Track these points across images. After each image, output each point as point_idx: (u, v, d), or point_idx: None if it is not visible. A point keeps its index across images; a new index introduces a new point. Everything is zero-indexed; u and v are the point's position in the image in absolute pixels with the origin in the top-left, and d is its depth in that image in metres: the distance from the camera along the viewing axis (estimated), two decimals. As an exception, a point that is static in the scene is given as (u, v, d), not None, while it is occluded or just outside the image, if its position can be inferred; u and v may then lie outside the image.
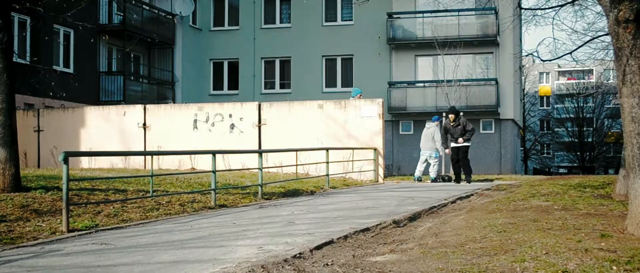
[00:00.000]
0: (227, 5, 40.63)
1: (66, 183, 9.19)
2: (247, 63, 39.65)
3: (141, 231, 9.16)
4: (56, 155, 22.34)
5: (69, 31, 30.01)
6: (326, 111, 21.66)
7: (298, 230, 8.89)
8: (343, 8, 39.13)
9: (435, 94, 35.72)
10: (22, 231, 8.94)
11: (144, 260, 6.92)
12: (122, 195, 12.58)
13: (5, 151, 12.00)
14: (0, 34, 12.17)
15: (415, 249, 7.45)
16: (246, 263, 6.49)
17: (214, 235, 8.70)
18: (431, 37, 35.18)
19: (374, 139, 21.28)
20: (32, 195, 11.61)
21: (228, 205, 12.76)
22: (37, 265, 6.83)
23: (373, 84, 36.47)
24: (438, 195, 14.73)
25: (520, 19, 31.95)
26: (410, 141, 37.32)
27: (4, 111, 12.14)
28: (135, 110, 23.08)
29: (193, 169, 20.58)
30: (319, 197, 14.76)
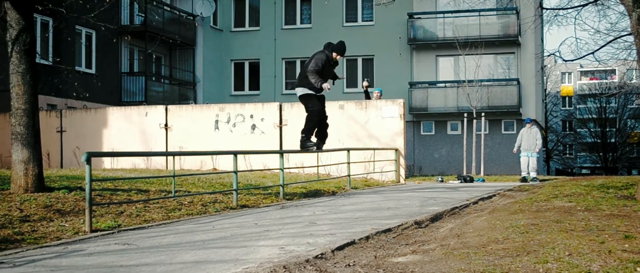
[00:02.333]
0: (247, 6, 40.72)
1: (89, 184, 9.24)
2: (268, 64, 39.72)
3: (163, 232, 9.19)
4: (79, 155, 22.47)
5: (90, 32, 30.19)
6: (347, 111, 21.65)
7: (320, 231, 8.89)
8: (364, 8, 39.12)
9: (457, 94, 35.63)
10: (46, 231, 9.00)
11: (166, 260, 6.94)
12: (144, 195, 12.62)
13: (28, 152, 12.08)
14: (23, 35, 12.25)
15: (437, 250, 7.42)
16: (268, 264, 6.49)
17: (236, 235, 8.71)
18: (452, 38, 35.10)
19: (395, 139, 21.24)
20: (55, 195, 11.68)
21: (250, 205, 12.78)
22: (60, 264, 6.87)
23: (394, 84, 36.42)
24: (460, 196, 14.68)
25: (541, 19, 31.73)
26: (432, 142, 37.25)
27: (28, 111, 12.22)
28: (157, 111, 23.17)
29: (215, 169, 20.63)
30: (340, 198, 14.75)
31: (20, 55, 12.21)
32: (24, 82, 12.24)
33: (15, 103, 12.23)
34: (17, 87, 12.22)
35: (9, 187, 12.27)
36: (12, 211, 10.00)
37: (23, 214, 9.92)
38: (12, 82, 12.27)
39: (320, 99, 14.40)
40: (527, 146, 22.68)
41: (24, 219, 9.62)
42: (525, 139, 22.84)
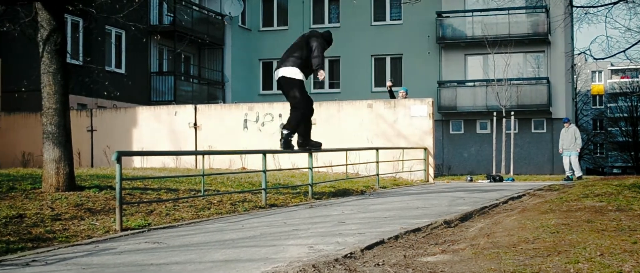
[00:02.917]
0: (276, 6, 40.81)
1: (119, 182, 9.29)
2: (297, 63, 39.71)
3: (193, 231, 9.22)
4: (109, 154, 22.64)
5: (120, 32, 30.39)
6: (376, 110, 21.62)
7: (348, 230, 8.87)
8: (392, 7, 39.07)
9: (486, 93, 35.47)
10: (77, 230, 9.07)
11: (196, 259, 6.96)
12: (174, 194, 12.68)
13: (59, 151, 12.17)
14: (54, 35, 12.35)
15: (467, 249, 7.39)
16: (297, 263, 6.49)
17: (265, 234, 8.72)
18: (481, 36, 34.95)
19: (424, 138, 21.18)
20: (86, 193, 11.76)
21: (278, 204, 12.79)
22: (91, 263, 6.92)
23: (422, 83, 36.33)
24: (489, 195, 14.60)
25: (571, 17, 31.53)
26: (461, 141, 37.11)
27: (59, 111, 12.32)
28: (186, 110, 23.28)
29: (243, 168, 20.68)
30: (369, 197, 14.72)
31: (51, 55, 12.31)
32: (55, 82, 12.34)
33: (46, 102, 12.33)
34: (48, 87, 12.32)
35: (40, 186, 12.38)
36: (43, 210, 10.09)
37: (54, 212, 10.00)
38: (43, 82, 12.37)
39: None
40: (567, 146, 22.70)
41: (56, 217, 9.69)
42: (564, 138, 22.84)
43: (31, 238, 8.35)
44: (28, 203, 10.60)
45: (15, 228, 8.79)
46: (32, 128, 23.56)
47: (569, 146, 22.67)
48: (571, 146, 22.60)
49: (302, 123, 12.54)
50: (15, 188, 12.17)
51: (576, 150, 22.64)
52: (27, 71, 22.81)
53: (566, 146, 22.77)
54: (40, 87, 12.44)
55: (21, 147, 24.17)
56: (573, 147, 22.58)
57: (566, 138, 22.83)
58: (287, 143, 12.34)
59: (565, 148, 22.77)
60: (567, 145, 22.71)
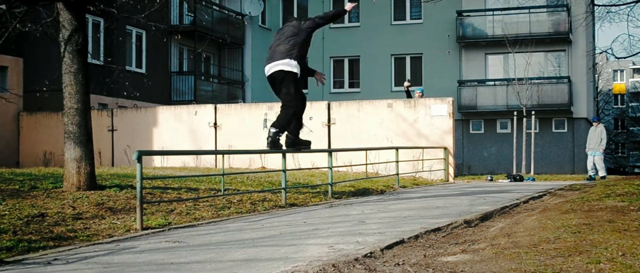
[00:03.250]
0: (295, 5, 40.83)
1: (140, 182, 9.33)
2: (316, 62, 39.75)
3: (213, 230, 9.24)
4: (129, 154, 22.75)
5: (141, 32, 30.51)
6: (395, 110, 21.59)
7: (368, 230, 8.86)
8: (412, 7, 38.98)
9: (506, 92, 35.32)
10: (98, 229, 9.11)
11: (216, 258, 6.98)
12: (194, 193, 12.72)
13: (81, 150, 12.24)
14: (76, 35, 12.42)
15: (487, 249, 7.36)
16: (317, 262, 6.49)
17: (284, 233, 8.73)
18: (502, 35, 34.82)
19: (444, 138, 21.13)
20: (106, 193, 11.82)
21: (298, 204, 12.80)
22: (112, 261, 6.95)
23: (443, 82, 36.24)
24: (510, 195, 14.54)
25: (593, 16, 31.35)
26: (481, 140, 36.98)
27: (80, 111, 12.39)
28: (206, 110, 23.35)
29: (263, 168, 20.72)
30: (389, 196, 14.70)
31: (72, 55, 12.38)
32: (76, 82, 12.41)
33: (67, 102, 12.40)
34: (69, 87, 12.39)
35: (61, 185, 12.45)
36: (65, 209, 10.15)
37: (76, 211, 10.06)
38: (65, 82, 12.44)
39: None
40: (592, 145, 22.64)
41: (77, 216, 9.75)
42: (591, 138, 22.78)
43: (53, 237, 8.40)
44: (49, 202, 10.67)
45: (36, 227, 8.85)
46: (53, 128, 23.70)
47: (594, 146, 22.58)
48: (596, 146, 22.50)
49: (292, 121, 11.47)
50: (37, 187, 12.25)
51: (600, 150, 22.52)
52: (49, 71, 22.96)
53: (592, 145, 22.69)
54: (62, 87, 12.51)
55: (43, 146, 24.33)
56: (598, 147, 22.48)
57: (593, 137, 22.74)
58: (274, 142, 11.15)
59: (591, 148, 22.70)
60: (593, 145, 22.63)
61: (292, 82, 11.21)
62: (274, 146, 11.12)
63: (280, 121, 11.24)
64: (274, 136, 11.05)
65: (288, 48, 11.21)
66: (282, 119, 11.24)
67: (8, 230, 8.55)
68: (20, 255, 7.42)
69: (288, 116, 11.26)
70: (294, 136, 11.69)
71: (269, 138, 11.06)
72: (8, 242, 7.87)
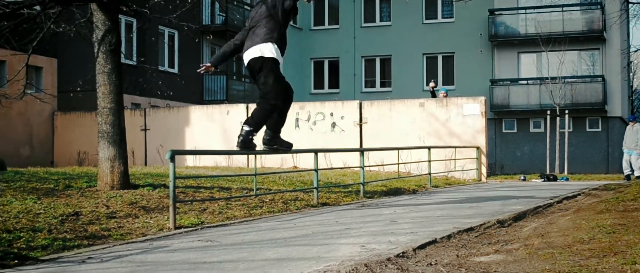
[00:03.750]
0: (327, 5, 40.81)
1: (172, 181, 9.38)
2: (348, 62, 39.73)
3: (245, 229, 9.27)
4: (162, 153, 22.88)
5: (173, 32, 30.68)
6: (427, 109, 21.52)
7: (401, 229, 8.84)
8: (443, 5, 38.80)
9: (539, 91, 35.04)
10: (131, 228, 9.17)
11: (248, 257, 7.00)
12: (226, 192, 12.77)
13: (114, 150, 12.34)
14: (109, 35, 12.52)
15: (521, 250, 7.31)
16: (349, 262, 6.48)
17: (316, 233, 8.73)
18: (534, 34, 34.54)
19: (477, 137, 21.03)
20: (140, 192, 11.90)
21: (330, 203, 12.80)
22: (146, 260, 6.99)
23: (475, 82, 36.06)
24: (543, 195, 14.43)
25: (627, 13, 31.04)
26: (514, 140, 36.75)
27: (113, 110, 12.49)
28: (238, 109, 23.42)
29: (295, 167, 20.75)
30: (421, 196, 14.66)
31: (106, 55, 12.48)
32: (110, 82, 12.51)
33: (101, 102, 12.51)
34: (103, 87, 12.50)
35: (95, 184, 12.56)
36: (99, 208, 10.24)
37: (109, 210, 10.14)
38: (99, 82, 12.55)
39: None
40: (629, 144, 22.37)
41: (111, 215, 9.82)
42: (628, 136, 22.53)
43: (87, 236, 8.47)
44: (84, 201, 10.76)
45: (71, 226, 8.93)
46: (87, 127, 23.91)
47: (630, 145, 22.31)
48: (633, 145, 22.23)
49: (270, 117, 9.65)
50: (71, 186, 12.36)
51: (638, 150, 22.25)
52: (83, 71, 23.17)
53: (628, 144, 22.42)
54: (96, 87, 12.62)
55: (77, 146, 24.55)
56: (633, 146, 22.22)
57: (630, 136, 22.48)
58: (246, 142, 9.44)
59: (627, 147, 22.44)
60: (630, 144, 22.36)
61: (271, 70, 9.38)
62: (244, 146, 9.46)
63: (254, 118, 9.52)
64: (245, 135, 9.43)
65: (266, 31, 9.41)
66: (257, 115, 9.51)
67: (43, 228, 8.64)
68: (55, 253, 7.49)
69: (264, 112, 9.49)
70: (273, 133, 9.91)
71: (240, 136, 9.46)
72: (43, 241, 7.95)
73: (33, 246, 7.71)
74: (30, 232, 8.34)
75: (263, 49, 9.27)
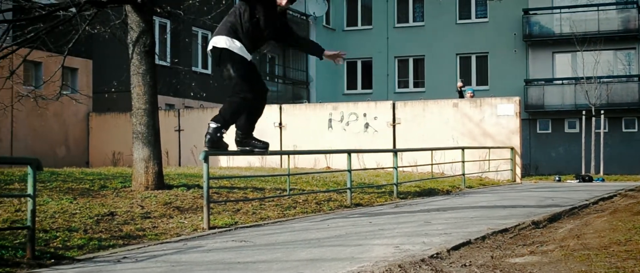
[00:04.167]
0: (360, 5, 40.78)
1: (206, 182, 9.42)
2: (381, 62, 39.67)
3: (279, 229, 9.29)
4: (196, 154, 22.98)
5: (206, 33, 30.82)
6: (461, 109, 21.42)
7: (434, 230, 8.81)
8: (477, 5, 38.59)
9: (574, 91, 34.73)
10: (166, 228, 9.22)
11: (282, 258, 7.01)
12: (260, 193, 12.80)
13: (149, 150, 12.41)
14: (143, 37, 12.59)
15: (556, 251, 7.25)
16: (383, 262, 6.47)
17: (350, 233, 8.72)
18: (569, 33, 34.24)
19: (511, 138, 20.90)
20: (174, 192, 11.97)
21: (363, 204, 12.79)
22: (180, 260, 7.03)
23: (509, 82, 35.83)
24: (579, 196, 14.31)
25: (665, 12, 30.69)
26: (548, 140, 36.46)
27: (148, 111, 12.56)
28: (272, 110, 23.47)
29: (328, 168, 20.75)
30: (455, 197, 14.60)
31: (140, 56, 12.56)
32: (144, 83, 12.58)
33: (136, 103, 12.59)
34: (137, 88, 12.58)
35: (130, 184, 12.64)
36: (133, 208, 10.31)
37: (144, 211, 10.20)
38: (133, 83, 12.63)
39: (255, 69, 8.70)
40: None
41: (145, 215, 9.88)
42: None
43: (122, 236, 8.54)
44: (119, 201, 10.84)
45: (106, 226, 9.00)
46: (122, 128, 24.08)
47: None
48: None
49: (240, 111, 8.58)
50: (107, 187, 12.46)
51: None
52: (117, 72, 23.35)
53: None
54: (130, 88, 12.70)
55: (111, 146, 24.74)
56: None
57: None
58: (213, 142, 8.39)
59: None
60: None
61: (229, 62, 8.27)
62: (212, 145, 8.45)
63: (222, 113, 8.48)
64: (213, 133, 8.40)
65: (231, 20, 8.42)
66: (225, 110, 8.48)
67: (79, 228, 8.72)
68: (90, 253, 7.55)
69: (232, 106, 8.45)
70: (244, 133, 8.89)
71: (207, 135, 8.43)
72: (79, 240, 8.02)
73: (69, 245, 7.79)
74: (66, 232, 8.42)
75: (221, 41, 8.27)
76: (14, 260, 6.89)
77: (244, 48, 8.38)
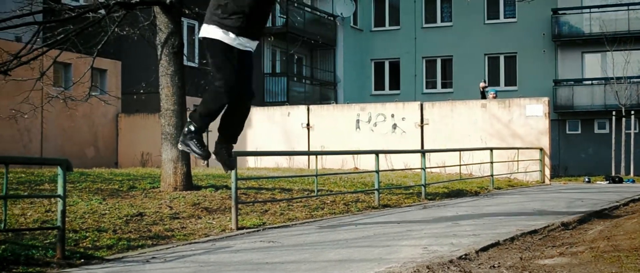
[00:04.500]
0: (387, 6, 40.70)
1: (235, 182, 9.45)
2: (408, 63, 39.56)
3: (307, 230, 9.29)
4: (224, 155, 23.03)
5: (234, 34, 30.93)
6: (489, 110, 21.31)
7: (463, 231, 8.78)
8: (506, 5, 38.36)
9: (604, 92, 34.40)
10: (194, 228, 9.27)
11: (310, 258, 7.01)
12: (287, 194, 12.82)
13: (177, 151, 12.45)
14: (172, 38, 12.66)
15: (586, 253, 7.19)
16: (411, 264, 6.46)
17: (378, 234, 8.71)
18: (599, 33, 33.94)
19: (540, 138, 20.75)
20: (202, 193, 12.01)
21: (391, 204, 12.76)
22: (208, 260, 7.06)
23: (537, 82, 35.59)
24: (609, 197, 14.19)
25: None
26: (578, 141, 36.16)
27: (176, 112, 12.62)
28: (299, 111, 23.50)
29: (356, 169, 20.73)
30: (483, 198, 14.53)
31: (169, 58, 12.63)
32: (173, 84, 12.64)
33: (164, 104, 12.65)
34: (166, 89, 12.64)
35: (159, 185, 12.71)
36: (162, 209, 10.36)
37: (173, 211, 10.25)
38: (162, 84, 12.70)
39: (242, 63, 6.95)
40: None
41: (174, 216, 9.93)
42: None
43: (151, 236, 8.59)
44: (147, 202, 10.91)
45: (135, 226, 9.06)
46: (150, 129, 24.20)
47: None
48: None
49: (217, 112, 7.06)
50: (135, 187, 12.54)
51: None
52: (146, 73, 23.48)
53: None
54: (159, 89, 12.77)
55: (140, 147, 24.88)
56: None
57: None
58: (187, 142, 7.13)
59: None
60: None
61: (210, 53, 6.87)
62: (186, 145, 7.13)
63: (198, 109, 7.09)
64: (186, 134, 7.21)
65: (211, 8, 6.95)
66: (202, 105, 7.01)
67: (108, 228, 8.78)
68: (120, 253, 7.60)
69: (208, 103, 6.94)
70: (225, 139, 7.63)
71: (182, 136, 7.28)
72: (109, 240, 8.08)
73: (98, 246, 7.84)
74: (95, 232, 8.48)
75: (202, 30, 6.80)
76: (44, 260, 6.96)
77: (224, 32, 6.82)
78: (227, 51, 6.79)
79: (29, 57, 12.18)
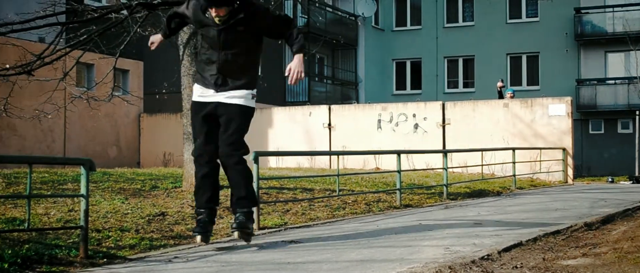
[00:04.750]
0: (409, 5, 40.66)
1: (257, 182, 9.46)
2: (430, 62, 39.49)
3: (328, 230, 9.29)
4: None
5: (256, 34, 30.99)
6: (512, 110, 21.23)
7: (485, 231, 8.74)
8: (528, 5, 38.22)
9: (627, 91, 34.22)
10: (216, 228, 9.26)
11: (332, 258, 7.01)
12: (309, 194, 12.81)
13: (199, 151, 12.48)
14: (194, 39, 12.67)
15: (610, 253, 7.14)
16: (433, 264, 6.44)
17: (399, 234, 8.70)
18: (622, 32, 33.75)
19: (563, 138, 20.64)
20: (224, 192, 12.00)
21: (413, 205, 12.73)
22: (230, 260, 7.06)
23: (560, 82, 35.44)
24: (632, 197, 14.09)
25: None
26: (601, 141, 35.96)
27: (198, 112, 12.64)
28: (320, 110, 23.52)
29: (377, 169, 20.71)
30: (505, 198, 14.47)
31: (191, 58, 12.66)
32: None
33: (186, 104, 12.68)
34: (188, 89, 12.67)
35: (181, 185, 12.75)
36: (184, 208, 10.39)
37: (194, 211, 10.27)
38: (184, 84, 12.74)
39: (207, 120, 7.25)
40: None
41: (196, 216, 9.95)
42: None
43: (173, 236, 8.61)
44: (169, 202, 10.94)
45: (157, 226, 9.08)
46: (172, 129, 24.31)
47: None
48: None
49: (200, 183, 7.53)
50: (158, 187, 12.59)
51: None
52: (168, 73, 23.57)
53: None
54: (181, 89, 12.81)
55: (162, 147, 25.00)
56: None
57: None
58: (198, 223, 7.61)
59: None
60: None
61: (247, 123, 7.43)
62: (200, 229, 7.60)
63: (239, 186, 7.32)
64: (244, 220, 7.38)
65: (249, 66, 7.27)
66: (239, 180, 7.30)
67: (131, 228, 8.81)
68: (142, 252, 7.63)
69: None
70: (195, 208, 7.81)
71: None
72: (131, 240, 8.11)
73: (121, 245, 7.87)
74: (118, 232, 8.52)
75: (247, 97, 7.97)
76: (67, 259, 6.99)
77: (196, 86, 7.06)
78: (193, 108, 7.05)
79: (52, 58, 12.27)
